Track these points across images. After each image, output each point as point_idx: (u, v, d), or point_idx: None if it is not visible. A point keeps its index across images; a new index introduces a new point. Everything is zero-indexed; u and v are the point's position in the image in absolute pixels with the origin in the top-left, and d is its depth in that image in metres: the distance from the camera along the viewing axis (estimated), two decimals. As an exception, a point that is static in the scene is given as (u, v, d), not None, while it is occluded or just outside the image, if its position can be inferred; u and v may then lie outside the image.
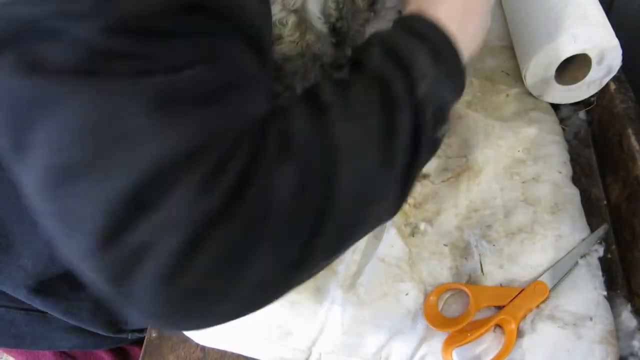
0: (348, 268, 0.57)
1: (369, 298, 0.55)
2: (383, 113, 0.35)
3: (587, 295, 0.55)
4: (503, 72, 0.79)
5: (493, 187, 0.64)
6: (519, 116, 0.73)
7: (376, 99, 0.36)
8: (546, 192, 0.63)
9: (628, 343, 0.56)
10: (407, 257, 0.58)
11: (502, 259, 0.58)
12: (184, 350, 0.61)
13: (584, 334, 0.53)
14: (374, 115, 0.35)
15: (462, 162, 0.67)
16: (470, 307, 0.53)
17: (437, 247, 0.59)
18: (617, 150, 0.69)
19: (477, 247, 0.59)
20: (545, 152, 0.67)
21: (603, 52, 0.68)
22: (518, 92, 0.76)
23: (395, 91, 0.36)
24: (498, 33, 0.85)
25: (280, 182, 0.30)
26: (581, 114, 0.78)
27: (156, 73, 0.28)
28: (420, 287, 0.56)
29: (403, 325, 0.54)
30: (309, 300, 0.55)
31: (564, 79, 0.74)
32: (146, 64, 0.28)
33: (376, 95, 0.36)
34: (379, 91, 0.36)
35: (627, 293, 0.61)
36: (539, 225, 0.60)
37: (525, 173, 0.65)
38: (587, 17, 0.68)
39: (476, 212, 0.62)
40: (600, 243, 0.59)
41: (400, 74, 0.37)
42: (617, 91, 0.72)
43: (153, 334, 0.62)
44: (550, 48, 0.69)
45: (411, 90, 0.37)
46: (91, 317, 0.63)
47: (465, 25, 0.43)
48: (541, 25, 0.72)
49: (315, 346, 0.55)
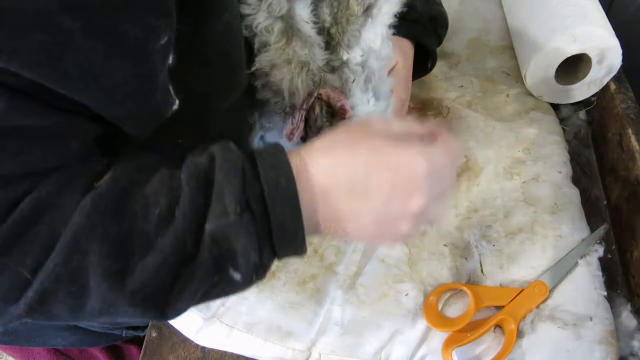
0: (348, 269, 0.57)
1: (369, 299, 0.55)
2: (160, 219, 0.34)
3: (587, 295, 0.55)
4: (503, 72, 0.79)
5: (493, 187, 0.64)
6: (519, 116, 0.73)
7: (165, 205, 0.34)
8: (546, 192, 0.63)
9: (628, 343, 0.55)
10: (407, 258, 0.58)
11: (502, 259, 0.58)
12: (184, 350, 0.61)
13: (584, 334, 0.53)
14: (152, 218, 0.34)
15: (462, 162, 0.67)
16: (470, 308, 0.53)
17: (437, 247, 0.59)
18: (617, 150, 0.69)
19: (477, 248, 0.59)
20: (545, 152, 0.67)
21: (603, 52, 0.68)
22: (518, 92, 0.76)
23: (182, 208, 0.34)
24: (498, 33, 0.85)
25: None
26: (581, 114, 0.78)
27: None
28: (420, 288, 0.56)
29: (403, 325, 0.54)
30: (309, 301, 0.55)
31: (564, 79, 0.74)
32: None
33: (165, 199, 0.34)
34: (168, 199, 0.34)
35: (627, 293, 0.61)
36: (539, 226, 0.60)
37: (525, 173, 0.65)
38: (587, 17, 0.68)
39: (476, 212, 0.62)
40: (600, 243, 0.59)
41: (202, 195, 0.34)
42: (617, 91, 0.72)
43: (153, 334, 0.62)
44: (550, 48, 0.69)
45: (197, 218, 0.34)
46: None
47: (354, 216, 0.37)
48: (541, 25, 0.72)
49: (315, 347, 0.55)
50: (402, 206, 0.37)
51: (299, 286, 0.56)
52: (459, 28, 0.86)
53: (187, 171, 0.35)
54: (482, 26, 0.87)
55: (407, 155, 0.36)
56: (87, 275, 0.33)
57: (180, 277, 0.35)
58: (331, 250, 0.59)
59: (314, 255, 0.59)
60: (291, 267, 0.57)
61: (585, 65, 0.71)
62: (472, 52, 0.83)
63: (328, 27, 0.54)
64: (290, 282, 0.56)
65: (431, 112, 0.75)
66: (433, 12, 0.69)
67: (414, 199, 0.37)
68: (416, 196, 0.37)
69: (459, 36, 0.85)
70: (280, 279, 0.56)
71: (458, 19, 0.87)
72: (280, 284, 0.56)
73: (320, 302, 0.55)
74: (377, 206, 0.37)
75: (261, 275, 0.37)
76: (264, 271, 0.37)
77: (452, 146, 0.39)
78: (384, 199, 0.36)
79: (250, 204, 0.34)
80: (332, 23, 0.54)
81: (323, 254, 0.59)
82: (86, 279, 0.33)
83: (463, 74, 0.80)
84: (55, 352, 0.84)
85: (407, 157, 0.36)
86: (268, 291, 0.56)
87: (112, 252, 0.33)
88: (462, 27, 0.86)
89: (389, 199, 0.37)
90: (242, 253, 0.35)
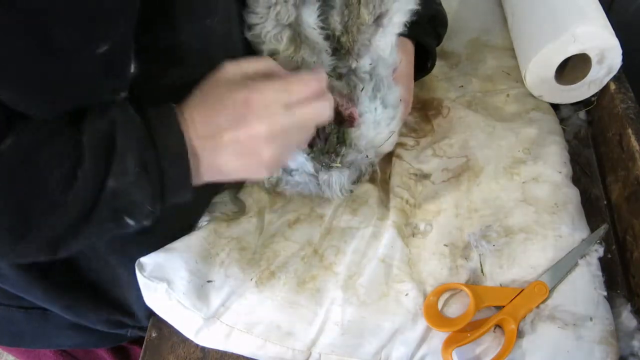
0: (348, 269, 0.57)
1: (369, 299, 0.55)
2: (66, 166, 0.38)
3: (587, 295, 0.55)
4: (503, 72, 0.79)
5: (493, 187, 0.64)
6: (519, 116, 0.73)
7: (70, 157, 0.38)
8: (546, 192, 0.63)
9: (628, 343, 0.56)
10: (407, 258, 0.58)
11: (502, 260, 0.58)
12: (184, 350, 0.61)
13: (584, 334, 0.53)
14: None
15: (462, 162, 0.67)
16: (470, 308, 0.53)
17: (437, 247, 0.59)
18: (617, 150, 0.69)
19: (477, 247, 0.59)
20: (546, 152, 0.67)
21: (603, 52, 0.68)
22: (518, 92, 0.76)
23: (87, 167, 0.38)
24: (498, 33, 0.85)
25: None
26: (581, 114, 0.78)
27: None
28: (420, 288, 0.56)
29: (403, 325, 0.54)
30: (309, 301, 0.55)
31: (565, 79, 0.74)
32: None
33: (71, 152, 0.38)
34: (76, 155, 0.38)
35: (627, 293, 0.61)
36: (539, 226, 0.60)
37: (525, 173, 0.65)
38: (587, 17, 0.68)
39: (476, 212, 0.62)
40: (600, 243, 0.59)
41: (104, 157, 0.39)
42: (617, 91, 0.72)
43: (153, 334, 0.62)
44: (550, 48, 0.69)
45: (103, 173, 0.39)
46: (91, 312, 0.63)
47: (225, 154, 0.43)
48: (541, 25, 0.73)
49: (315, 347, 0.55)
50: (254, 137, 0.43)
51: (299, 286, 0.56)
52: (459, 28, 0.86)
53: (89, 136, 0.39)
54: (482, 26, 0.87)
55: (257, 90, 0.43)
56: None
57: (79, 226, 0.40)
58: (331, 250, 0.59)
59: (314, 256, 0.59)
60: (291, 268, 0.57)
61: (586, 65, 0.71)
62: (472, 52, 0.83)
63: (338, 35, 0.54)
64: (290, 282, 0.56)
65: (431, 112, 0.75)
66: (432, 11, 0.69)
67: (261, 126, 0.42)
68: (263, 124, 0.42)
69: (459, 36, 0.85)
70: (280, 279, 0.56)
71: (458, 19, 0.87)
72: (280, 284, 0.56)
73: (320, 302, 0.55)
74: (237, 139, 0.42)
75: (151, 220, 0.43)
76: (154, 217, 0.43)
77: (308, 79, 0.45)
78: (241, 133, 0.42)
79: (148, 166, 0.40)
80: (343, 31, 0.54)
81: (323, 255, 0.59)
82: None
83: (463, 74, 0.80)
84: (61, 352, 0.85)
85: (256, 92, 0.42)
86: (268, 291, 0.56)
87: (13, 211, 0.37)
88: (462, 27, 0.86)
89: (242, 130, 0.42)
90: (139, 205, 0.41)
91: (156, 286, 0.56)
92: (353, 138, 0.59)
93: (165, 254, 0.57)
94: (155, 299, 0.57)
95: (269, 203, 0.64)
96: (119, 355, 0.90)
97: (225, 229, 0.60)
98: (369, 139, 0.60)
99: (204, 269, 0.57)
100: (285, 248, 0.59)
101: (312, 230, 0.61)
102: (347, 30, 0.54)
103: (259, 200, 0.64)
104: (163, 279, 0.56)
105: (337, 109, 0.57)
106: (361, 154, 0.60)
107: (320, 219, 0.62)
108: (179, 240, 0.58)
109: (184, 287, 0.55)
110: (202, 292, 0.56)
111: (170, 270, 0.56)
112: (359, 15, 0.53)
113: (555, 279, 0.56)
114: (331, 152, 0.59)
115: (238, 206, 0.63)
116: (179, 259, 0.56)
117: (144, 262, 0.57)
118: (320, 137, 0.59)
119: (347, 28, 0.54)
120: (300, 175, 0.60)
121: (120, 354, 0.90)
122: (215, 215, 0.61)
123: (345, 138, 0.59)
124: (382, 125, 0.60)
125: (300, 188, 0.61)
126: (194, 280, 0.56)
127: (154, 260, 0.56)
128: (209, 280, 0.56)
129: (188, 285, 0.55)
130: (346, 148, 0.59)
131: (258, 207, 0.63)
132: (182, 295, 0.55)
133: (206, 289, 0.56)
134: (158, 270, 0.56)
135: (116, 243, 0.55)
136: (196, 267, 0.56)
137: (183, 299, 0.55)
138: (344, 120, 0.59)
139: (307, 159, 0.58)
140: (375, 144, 0.61)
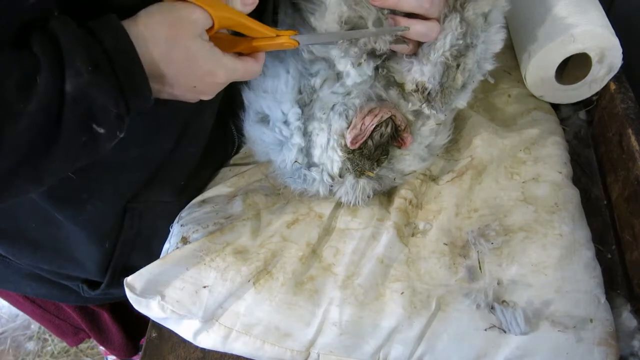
0: (347, 269, 0.57)
1: (367, 299, 0.55)
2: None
3: (587, 297, 0.55)
4: (505, 72, 0.79)
5: (493, 187, 0.64)
6: (520, 116, 0.73)
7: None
8: (546, 192, 0.63)
9: (628, 343, 0.55)
10: (406, 258, 0.58)
11: (502, 258, 0.58)
12: (184, 351, 0.61)
13: (584, 336, 0.52)
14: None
15: (464, 162, 0.66)
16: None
17: (437, 246, 0.59)
18: (617, 150, 0.69)
19: (475, 246, 0.59)
20: (546, 153, 0.67)
21: (603, 51, 0.68)
22: (519, 93, 0.76)
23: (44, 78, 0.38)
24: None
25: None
26: (581, 114, 0.78)
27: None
28: (417, 287, 0.56)
29: (400, 325, 0.54)
30: (307, 301, 0.55)
31: (565, 79, 0.74)
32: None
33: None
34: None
35: (627, 293, 0.61)
36: (538, 225, 0.60)
37: (526, 173, 0.65)
38: (587, 17, 0.68)
39: (476, 211, 0.62)
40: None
41: (56, 62, 0.39)
42: (617, 91, 0.72)
43: (153, 334, 0.62)
44: (550, 48, 0.69)
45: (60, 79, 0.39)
46: (28, 259, 0.64)
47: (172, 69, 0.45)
48: (541, 25, 0.72)
49: (314, 347, 0.55)
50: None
51: (296, 287, 0.56)
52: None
53: (37, 47, 0.39)
54: (482, 26, 0.87)
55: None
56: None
57: (50, 140, 0.40)
58: (329, 251, 0.59)
59: (312, 256, 0.59)
60: (289, 268, 0.57)
61: (586, 65, 0.71)
62: (472, 52, 0.83)
63: (429, 89, 0.57)
64: (288, 283, 0.56)
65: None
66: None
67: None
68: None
69: (459, 36, 0.85)
70: (278, 280, 0.56)
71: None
72: (278, 285, 0.56)
73: (318, 303, 0.55)
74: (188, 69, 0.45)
75: (122, 128, 0.43)
76: (123, 122, 0.43)
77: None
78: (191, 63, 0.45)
79: (99, 63, 0.40)
80: (438, 90, 0.57)
81: (321, 255, 0.59)
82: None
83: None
84: (32, 300, 0.88)
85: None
86: (266, 292, 0.56)
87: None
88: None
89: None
90: (102, 108, 0.41)
91: (148, 302, 0.56)
92: (397, 155, 0.62)
93: (153, 268, 0.57)
94: (148, 312, 0.57)
95: (267, 204, 0.64)
96: (87, 317, 0.95)
97: (219, 235, 0.59)
98: (405, 165, 0.63)
99: (197, 275, 0.57)
100: (284, 249, 0.59)
101: (310, 230, 0.61)
102: (442, 88, 0.57)
103: (254, 204, 0.63)
104: (155, 293, 0.56)
105: (398, 126, 0.60)
106: (391, 175, 0.63)
107: (319, 219, 0.62)
108: (168, 255, 0.58)
109: (177, 296, 0.56)
110: (197, 298, 0.56)
111: (162, 283, 0.56)
112: (454, 78, 0.57)
113: (310, 41, 0.53)
114: (373, 160, 0.61)
115: (230, 212, 0.63)
116: (170, 271, 0.57)
117: (132, 282, 0.57)
118: (374, 142, 0.59)
119: (443, 87, 0.57)
120: (319, 173, 0.60)
121: (89, 316, 0.95)
122: (209, 230, 0.60)
123: (389, 153, 0.62)
124: (418, 161, 0.64)
125: (308, 186, 0.61)
126: (186, 287, 0.56)
127: (144, 278, 0.57)
128: (204, 285, 0.56)
129: (181, 292, 0.56)
130: (387, 162, 0.62)
131: (253, 211, 0.63)
132: (175, 303, 0.56)
133: (201, 294, 0.56)
134: (149, 287, 0.56)
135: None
136: (188, 274, 0.57)
137: (177, 308, 0.56)
138: (395, 139, 0.61)
139: (341, 158, 0.59)
140: (404, 172, 0.64)
